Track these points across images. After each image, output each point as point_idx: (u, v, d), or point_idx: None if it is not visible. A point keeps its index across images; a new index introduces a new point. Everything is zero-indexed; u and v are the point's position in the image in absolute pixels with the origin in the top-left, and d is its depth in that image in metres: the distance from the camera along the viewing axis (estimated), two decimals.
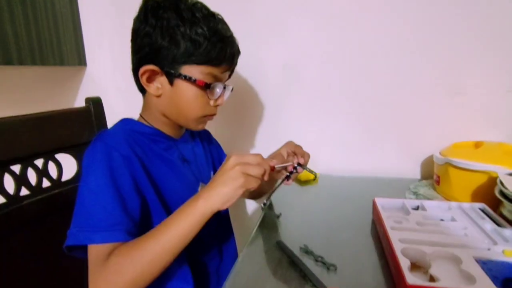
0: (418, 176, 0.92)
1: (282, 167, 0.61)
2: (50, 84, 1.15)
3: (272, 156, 0.70)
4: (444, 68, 0.84)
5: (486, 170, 0.66)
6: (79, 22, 1.06)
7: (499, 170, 0.63)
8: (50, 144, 0.66)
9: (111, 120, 0.65)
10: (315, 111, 0.96)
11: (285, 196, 0.80)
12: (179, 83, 0.57)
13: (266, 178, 0.51)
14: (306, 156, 0.66)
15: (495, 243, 0.48)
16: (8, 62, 0.86)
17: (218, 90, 0.60)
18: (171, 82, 0.57)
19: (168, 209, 0.57)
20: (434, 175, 0.80)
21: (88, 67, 1.10)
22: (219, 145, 0.82)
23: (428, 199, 0.74)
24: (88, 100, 0.75)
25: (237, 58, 0.63)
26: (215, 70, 0.58)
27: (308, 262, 0.51)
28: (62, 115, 0.70)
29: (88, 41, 1.08)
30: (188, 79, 0.56)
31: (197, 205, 0.47)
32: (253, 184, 0.48)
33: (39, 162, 0.64)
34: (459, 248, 0.46)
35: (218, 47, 0.56)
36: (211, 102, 0.60)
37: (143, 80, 0.57)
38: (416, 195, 0.77)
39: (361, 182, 0.90)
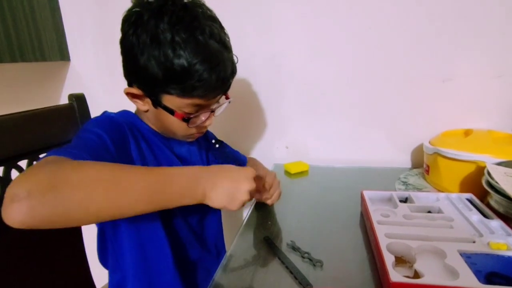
0: (409, 165, 0.92)
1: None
2: (34, 81, 1.12)
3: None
4: (432, 55, 0.82)
5: (474, 160, 0.65)
6: (59, 16, 1.02)
7: (487, 159, 0.63)
8: (34, 144, 0.65)
9: None
10: (305, 102, 0.95)
11: None
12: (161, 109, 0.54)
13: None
14: (273, 197, 0.65)
15: (480, 235, 0.49)
16: None
17: (202, 118, 0.56)
18: (154, 106, 0.54)
19: None
20: (424, 164, 0.80)
21: (72, 62, 1.07)
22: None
23: (418, 189, 0.75)
24: (71, 96, 0.73)
25: (232, 79, 0.55)
26: (199, 101, 0.52)
27: (295, 258, 0.51)
28: (45, 114, 0.68)
29: (70, 35, 1.05)
30: (167, 109, 0.52)
31: (197, 193, 0.44)
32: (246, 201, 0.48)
33: (23, 163, 0.63)
34: (444, 242, 0.46)
35: (204, 78, 0.48)
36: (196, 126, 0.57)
37: (128, 96, 0.56)
38: (406, 185, 0.77)
39: (351, 172, 0.90)
